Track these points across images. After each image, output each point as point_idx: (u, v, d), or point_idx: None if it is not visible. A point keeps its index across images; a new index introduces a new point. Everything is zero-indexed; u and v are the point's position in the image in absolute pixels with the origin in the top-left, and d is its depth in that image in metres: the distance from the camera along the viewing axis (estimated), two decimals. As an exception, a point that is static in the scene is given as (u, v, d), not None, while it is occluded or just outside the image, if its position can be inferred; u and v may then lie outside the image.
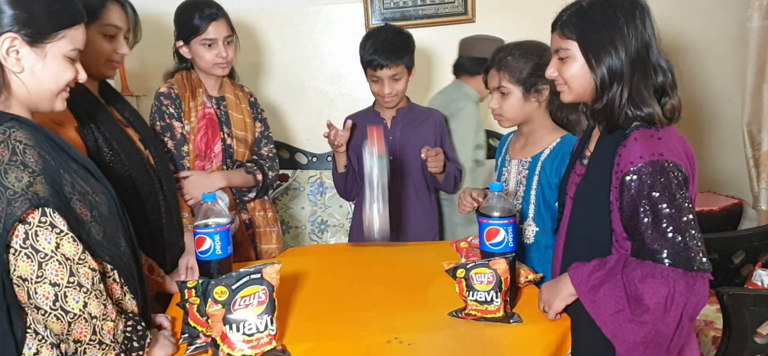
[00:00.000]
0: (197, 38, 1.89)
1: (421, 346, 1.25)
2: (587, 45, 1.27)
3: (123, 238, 1.21)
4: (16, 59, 1.11)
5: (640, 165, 1.19)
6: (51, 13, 1.12)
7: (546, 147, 1.69)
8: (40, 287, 1.03)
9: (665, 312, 1.17)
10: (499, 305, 1.32)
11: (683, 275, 1.16)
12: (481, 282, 1.32)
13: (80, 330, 1.06)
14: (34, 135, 1.09)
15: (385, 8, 2.92)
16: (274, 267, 1.20)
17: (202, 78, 1.97)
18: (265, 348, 1.19)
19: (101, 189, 1.19)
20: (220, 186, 1.91)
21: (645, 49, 1.25)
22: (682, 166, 1.20)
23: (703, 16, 2.97)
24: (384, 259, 1.78)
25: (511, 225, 1.44)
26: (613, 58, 1.25)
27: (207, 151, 1.93)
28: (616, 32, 1.24)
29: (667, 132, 1.24)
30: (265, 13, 2.88)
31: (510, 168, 1.77)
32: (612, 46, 1.25)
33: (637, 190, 1.19)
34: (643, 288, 1.18)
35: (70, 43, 1.16)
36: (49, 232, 1.03)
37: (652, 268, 1.18)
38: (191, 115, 1.91)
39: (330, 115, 2.21)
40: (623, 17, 1.24)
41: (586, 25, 1.28)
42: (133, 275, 1.21)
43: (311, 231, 2.87)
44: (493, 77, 1.70)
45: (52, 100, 1.18)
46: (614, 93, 1.25)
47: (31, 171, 1.03)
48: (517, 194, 1.74)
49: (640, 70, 1.25)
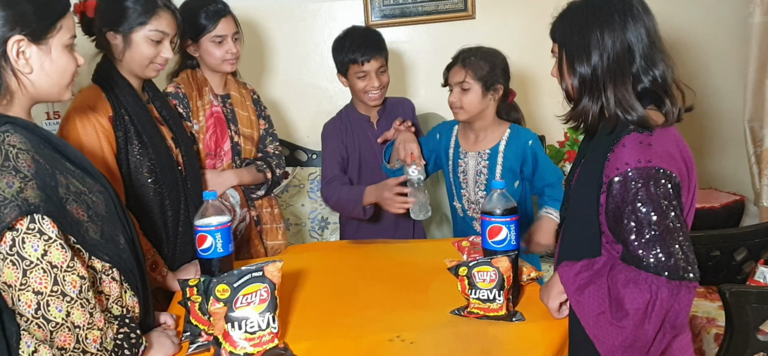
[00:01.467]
0: (207, 36, 1.88)
1: (423, 344, 1.24)
2: (566, 50, 1.28)
3: (122, 236, 1.20)
4: (25, 61, 1.11)
5: (626, 171, 1.18)
6: (46, 3, 1.12)
7: (500, 139, 1.90)
8: (23, 294, 1.02)
9: (645, 319, 1.16)
10: (501, 303, 1.31)
11: (667, 283, 1.15)
12: (483, 280, 1.32)
13: (63, 339, 1.05)
14: (30, 138, 1.08)
15: (384, 5, 2.91)
16: (275, 265, 1.20)
17: (208, 76, 1.96)
18: (267, 346, 1.18)
19: (98, 188, 1.18)
20: (232, 184, 1.92)
21: (625, 53, 1.22)
22: (672, 173, 1.17)
23: (705, 12, 2.97)
24: (386, 257, 1.78)
25: (514, 223, 1.44)
26: (584, 65, 1.23)
27: (216, 150, 1.93)
28: (589, 38, 1.22)
29: (661, 136, 1.21)
30: (265, 9, 2.87)
31: (467, 160, 1.94)
32: (585, 53, 1.23)
33: (622, 196, 1.18)
34: (625, 293, 1.17)
35: (67, 31, 1.16)
36: (36, 239, 1.02)
37: (635, 274, 1.17)
38: (199, 114, 1.91)
39: (330, 111, 2.21)
40: (596, 22, 1.22)
41: (565, 29, 1.28)
42: (133, 272, 1.21)
43: (311, 229, 2.87)
44: (457, 73, 1.85)
45: (61, 92, 1.19)
46: (586, 102, 1.25)
47: (23, 176, 1.02)
48: (477, 183, 1.91)
49: (618, 77, 1.22)
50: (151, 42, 1.58)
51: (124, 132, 1.56)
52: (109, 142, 1.53)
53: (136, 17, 1.56)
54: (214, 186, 1.85)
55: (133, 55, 1.58)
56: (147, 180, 1.58)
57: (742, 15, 2.73)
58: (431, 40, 2.95)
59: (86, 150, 1.49)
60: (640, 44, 1.22)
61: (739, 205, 2.81)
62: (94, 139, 1.51)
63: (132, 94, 1.60)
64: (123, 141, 1.55)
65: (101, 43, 1.62)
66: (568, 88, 1.30)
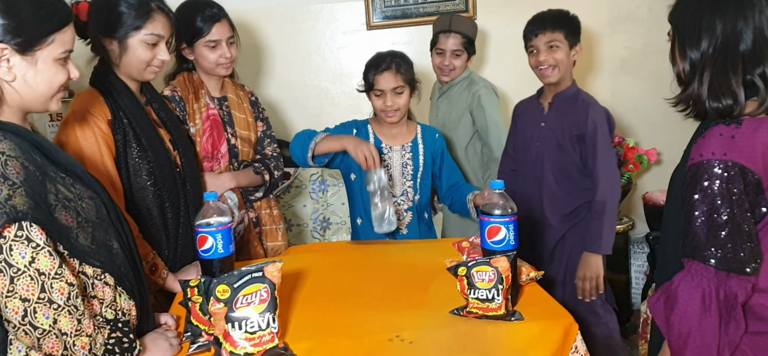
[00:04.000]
0: (201, 40, 1.88)
1: (422, 344, 1.25)
2: (678, 34, 1.27)
3: (115, 241, 1.20)
4: (7, 68, 1.10)
5: (700, 161, 1.18)
6: (39, 18, 1.11)
7: (415, 132, 2.06)
8: (10, 301, 1.02)
9: (704, 312, 1.17)
10: (500, 303, 1.32)
11: (715, 273, 1.17)
12: (482, 280, 1.32)
13: (51, 346, 1.05)
14: (21, 144, 1.08)
15: (386, 6, 2.92)
16: (275, 266, 1.20)
17: (204, 79, 1.97)
18: (267, 345, 1.19)
19: (89, 194, 1.18)
20: (230, 187, 1.93)
21: (735, 40, 1.20)
22: (749, 168, 1.16)
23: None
24: (386, 257, 1.79)
25: (513, 223, 1.44)
26: (695, 50, 1.23)
27: (214, 152, 1.93)
28: (701, 22, 1.22)
29: (750, 130, 1.20)
30: (267, 11, 2.88)
31: (391, 154, 2.03)
32: (696, 37, 1.23)
33: (690, 184, 1.19)
34: (679, 293, 1.19)
35: (60, 45, 1.15)
36: (24, 247, 1.03)
37: (687, 268, 1.20)
38: (196, 117, 1.91)
39: (331, 113, 2.22)
40: (710, 7, 1.21)
41: (681, 12, 1.27)
42: (127, 277, 1.21)
43: (313, 229, 2.88)
44: (391, 78, 1.94)
45: (46, 103, 1.18)
46: (694, 87, 1.24)
47: (12, 183, 1.03)
48: (404, 174, 2.03)
49: (721, 60, 1.21)
50: (147, 45, 1.58)
51: (123, 135, 1.56)
52: (109, 146, 1.54)
53: (130, 22, 1.56)
54: (212, 188, 1.86)
55: (129, 59, 1.59)
56: (146, 183, 1.59)
57: None
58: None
59: (86, 154, 1.50)
60: (751, 34, 1.21)
61: None
62: (93, 144, 1.52)
63: (130, 98, 1.61)
64: (122, 144, 1.56)
65: (97, 47, 1.62)
66: (680, 72, 1.28)
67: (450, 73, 2.40)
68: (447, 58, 2.38)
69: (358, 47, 2.95)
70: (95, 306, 1.15)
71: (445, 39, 2.38)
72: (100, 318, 1.16)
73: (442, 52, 2.39)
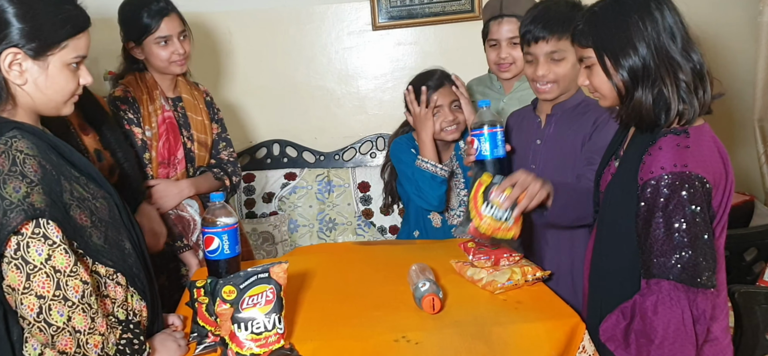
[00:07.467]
0: (150, 37, 1.78)
1: (428, 345, 1.24)
2: (602, 50, 1.24)
3: (128, 241, 1.21)
4: (19, 72, 1.11)
5: (661, 175, 1.16)
6: (55, 24, 1.12)
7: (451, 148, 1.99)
8: (26, 298, 1.04)
9: (681, 333, 1.14)
10: (511, 226, 1.35)
11: (685, 291, 1.14)
12: (499, 200, 1.35)
13: (64, 343, 1.06)
14: (37, 143, 1.09)
15: (392, 7, 2.92)
16: (281, 267, 1.21)
17: (157, 78, 1.86)
18: (273, 346, 1.19)
19: (102, 194, 1.19)
20: (189, 194, 1.84)
21: (670, 40, 1.20)
22: (706, 179, 1.15)
23: (714, 10, 2.94)
24: (391, 258, 1.78)
25: (497, 133, 1.55)
26: (632, 57, 1.20)
27: (170, 158, 1.84)
28: (631, 30, 1.20)
29: (698, 137, 1.19)
30: (272, 12, 2.89)
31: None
32: (629, 46, 1.20)
33: (654, 201, 1.16)
34: (656, 320, 1.15)
35: (73, 51, 1.15)
36: (41, 244, 1.04)
37: (657, 290, 1.16)
38: (151, 120, 1.81)
39: (337, 114, 2.21)
40: (637, 13, 1.20)
41: (599, 29, 1.24)
42: (139, 277, 1.22)
43: (319, 230, 2.88)
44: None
45: (58, 107, 1.19)
46: (640, 94, 1.21)
47: (30, 181, 1.04)
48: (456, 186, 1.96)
49: (666, 64, 1.19)
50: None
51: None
52: None
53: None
54: (170, 196, 1.78)
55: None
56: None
57: (751, 13, 2.71)
58: (438, 41, 2.95)
59: None
60: (679, 29, 1.21)
61: (748, 205, 2.79)
62: None
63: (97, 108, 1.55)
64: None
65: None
66: (618, 86, 1.24)
67: (510, 67, 1.95)
68: (503, 50, 1.93)
69: (363, 48, 2.95)
70: (108, 306, 1.16)
71: (496, 27, 1.93)
72: (112, 317, 1.17)
73: (497, 44, 1.94)
